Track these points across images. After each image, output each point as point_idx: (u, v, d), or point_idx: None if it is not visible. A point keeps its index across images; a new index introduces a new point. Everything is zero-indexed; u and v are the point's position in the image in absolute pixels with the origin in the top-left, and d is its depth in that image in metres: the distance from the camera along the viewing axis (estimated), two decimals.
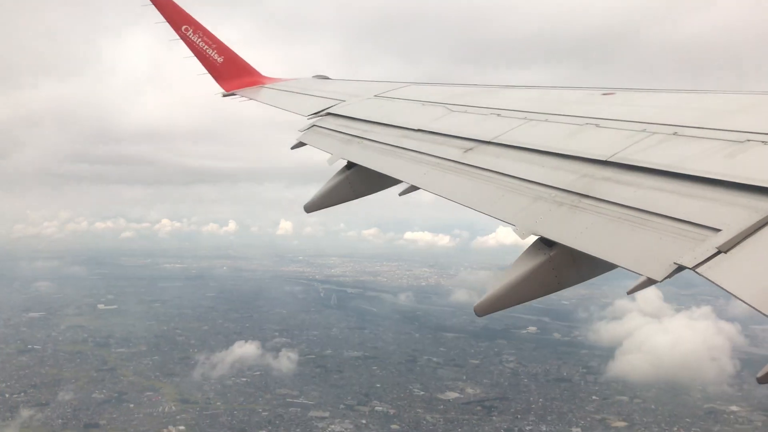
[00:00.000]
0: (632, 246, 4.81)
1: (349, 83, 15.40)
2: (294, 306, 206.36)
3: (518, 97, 10.08)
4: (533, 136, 7.56)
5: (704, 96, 7.48)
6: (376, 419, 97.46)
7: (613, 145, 6.30)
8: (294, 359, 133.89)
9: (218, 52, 17.78)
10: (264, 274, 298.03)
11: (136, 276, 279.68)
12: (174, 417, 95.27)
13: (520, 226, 5.76)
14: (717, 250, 4.18)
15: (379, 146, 9.56)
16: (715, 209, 4.63)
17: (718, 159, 5.27)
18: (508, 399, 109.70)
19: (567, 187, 5.94)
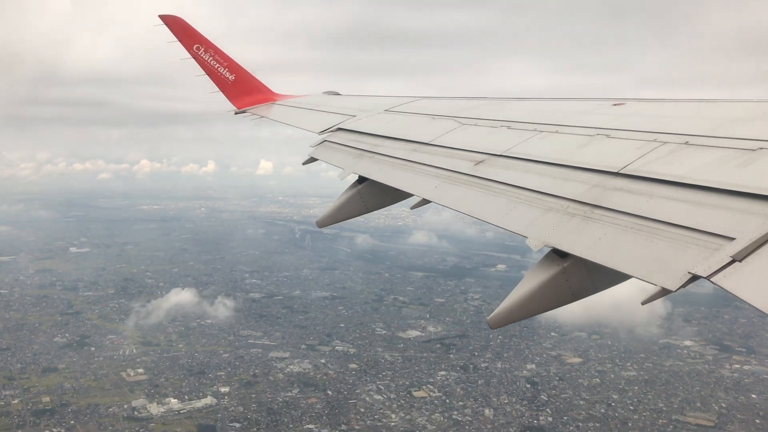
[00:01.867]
0: (646, 256, 4.83)
1: (360, 98, 15.80)
2: (267, 247, 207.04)
3: (528, 108, 10.28)
4: (544, 148, 7.60)
5: (715, 105, 7.50)
6: (335, 359, 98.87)
7: (625, 155, 6.34)
8: (260, 300, 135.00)
9: (229, 70, 18.11)
10: (241, 215, 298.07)
11: (111, 218, 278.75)
12: (134, 360, 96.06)
13: (532, 238, 5.77)
14: (731, 258, 4.20)
15: (390, 160, 9.67)
16: (728, 218, 4.64)
17: (731, 168, 5.27)
18: (467, 337, 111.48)
19: (579, 198, 5.96)
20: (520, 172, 7.20)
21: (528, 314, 5.83)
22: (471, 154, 8.24)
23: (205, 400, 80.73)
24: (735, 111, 6.97)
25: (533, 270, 5.82)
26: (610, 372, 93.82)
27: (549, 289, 5.68)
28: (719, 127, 6.29)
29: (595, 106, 9.04)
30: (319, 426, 74.68)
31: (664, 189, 5.43)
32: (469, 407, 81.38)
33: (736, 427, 77.01)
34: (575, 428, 75.98)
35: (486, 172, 7.54)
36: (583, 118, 8.22)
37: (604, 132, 7.31)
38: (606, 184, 5.99)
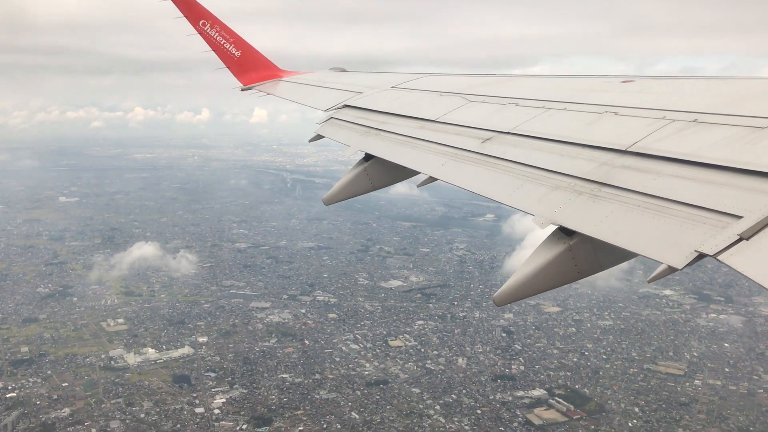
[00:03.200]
0: (653, 234, 4.84)
1: (366, 75, 15.66)
2: (258, 197, 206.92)
3: (536, 86, 10.21)
4: (552, 126, 7.59)
5: (725, 82, 7.45)
6: (315, 308, 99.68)
7: (633, 133, 6.34)
8: (246, 251, 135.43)
9: (236, 46, 18.09)
10: (234, 164, 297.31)
11: (103, 167, 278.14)
12: (115, 310, 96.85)
13: (539, 216, 5.80)
14: (739, 237, 4.22)
15: (397, 137, 9.65)
16: (736, 196, 4.66)
17: (740, 146, 5.29)
18: (448, 286, 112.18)
19: (586, 176, 5.98)
20: (528, 149, 7.19)
21: (534, 291, 5.85)
22: (478, 132, 8.23)
23: (182, 350, 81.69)
24: (745, 88, 6.93)
25: (540, 248, 5.83)
26: (587, 321, 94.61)
27: (555, 267, 5.68)
28: (729, 104, 6.28)
29: (603, 83, 9.05)
30: (293, 375, 75.69)
31: (673, 167, 5.45)
32: (443, 356, 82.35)
33: (704, 375, 78.01)
34: (546, 377, 76.97)
35: (493, 150, 7.54)
36: (592, 96, 8.23)
37: (613, 109, 7.30)
38: (614, 161, 5.99)
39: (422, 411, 68.34)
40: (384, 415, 67.23)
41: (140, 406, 67.60)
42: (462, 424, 65.79)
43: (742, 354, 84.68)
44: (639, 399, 71.82)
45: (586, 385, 74.88)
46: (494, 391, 73.01)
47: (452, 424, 65.72)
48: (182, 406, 67.95)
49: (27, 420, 63.77)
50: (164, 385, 72.78)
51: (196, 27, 17.69)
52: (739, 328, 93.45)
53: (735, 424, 66.90)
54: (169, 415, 65.73)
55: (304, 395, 70.96)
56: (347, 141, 10.62)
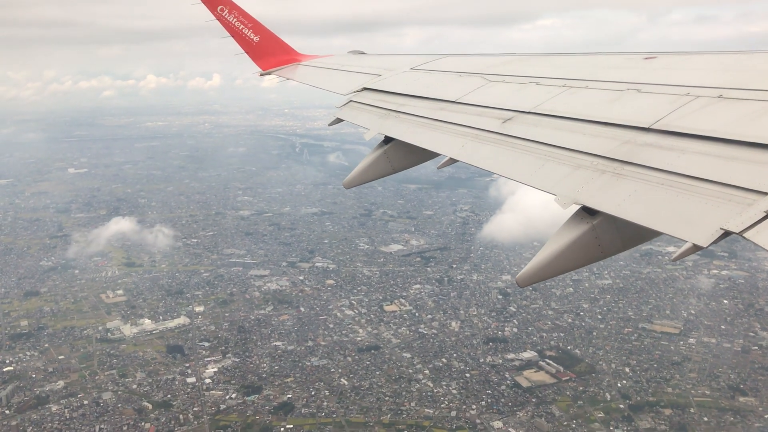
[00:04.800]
0: (677, 212, 4.81)
1: (385, 57, 15.71)
2: (265, 162, 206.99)
3: (556, 64, 10.17)
4: (573, 104, 7.54)
5: (750, 56, 7.35)
6: (313, 275, 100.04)
7: (656, 110, 6.29)
8: (249, 218, 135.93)
9: (254, 31, 18.17)
10: (244, 130, 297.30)
11: (114, 137, 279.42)
12: (115, 282, 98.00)
13: (561, 196, 5.80)
14: (765, 213, 4.17)
15: (417, 119, 9.65)
16: (762, 172, 4.59)
17: (765, 121, 5.22)
18: (449, 249, 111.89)
19: (609, 154, 5.94)
20: (549, 129, 7.14)
21: (557, 272, 5.80)
22: (499, 112, 8.21)
23: (178, 320, 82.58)
24: None
25: (562, 228, 5.80)
26: (585, 281, 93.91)
27: (578, 247, 5.64)
28: (754, 79, 6.20)
29: (625, 60, 8.93)
30: (286, 343, 76.28)
31: (697, 144, 5.39)
32: (437, 320, 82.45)
33: (700, 333, 77.36)
34: (539, 339, 76.82)
35: (514, 130, 7.51)
36: (613, 73, 8.21)
37: (635, 87, 7.24)
38: (636, 139, 5.95)
39: (411, 376, 68.66)
40: (373, 381, 67.66)
41: (133, 377, 68.66)
42: (449, 388, 66.03)
43: (740, 311, 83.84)
44: (631, 359, 71.53)
45: (578, 346, 74.66)
46: (485, 354, 73.07)
47: (440, 388, 65.98)
48: (174, 376, 68.92)
49: (21, 393, 65.10)
50: (158, 355, 73.78)
51: (214, 13, 17.75)
52: (740, 284, 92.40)
53: (725, 383, 66.43)
54: (161, 386, 66.72)
55: (295, 363, 71.59)
56: (367, 124, 10.61)
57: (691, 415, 61.06)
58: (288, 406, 62.95)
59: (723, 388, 65.61)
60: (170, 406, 63.06)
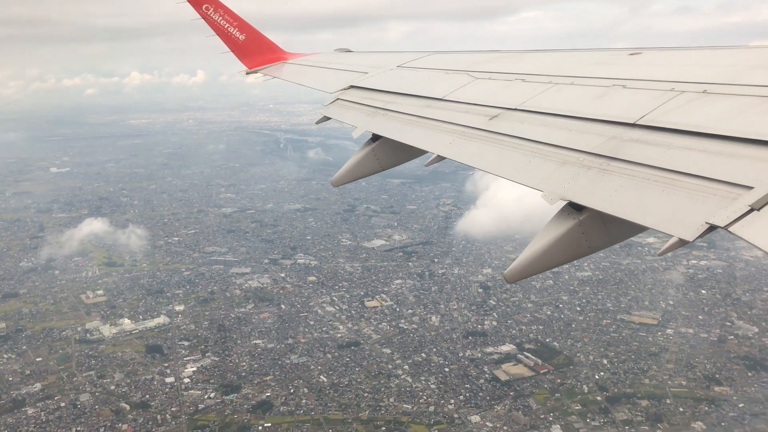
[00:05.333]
0: (663, 207, 4.87)
1: (372, 55, 15.72)
2: (249, 158, 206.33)
3: (543, 61, 10.22)
4: (559, 101, 7.60)
5: (734, 52, 7.44)
6: (295, 272, 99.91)
7: (641, 106, 6.35)
8: (231, 215, 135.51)
9: (239, 29, 18.16)
10: (228, 126, 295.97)
11: (97, 135, 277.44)
12: (96, 282, 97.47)
13: (548, 192, 5.83)
14: (750, 207, 4.23)
15: (404, 117, 9.71)
16: (747, 167, 4.67)
17: (750, 116, 5.30)
18: (431, 243, 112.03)
19: (595, 150, 6.00)
20: (535, 125, 7.20)
21: (545, 267, 5.89)
22: (485, 109, 8.25)
23: (158, 320, 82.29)
24: (754, 58, 6.90)
25: (549, 224, 5.85)
26: (565, 273, 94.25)
27: (565, 243, 5.71)
28: (738, 74, 6.28)
29: (610, 56, 9.00)
30: (266, 341, 76.20)
31: (682, 139, 5.46)
32: (417, 315, 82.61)
33: (677, 323, 77.96)
34: (518, 332, 77.15)
35: (501, 127, 7.56)
36: (599, 69, 8.27)
37: (621, 83, 7.30)
38: (622, 135, 6.01)
39: (390, 371, 68.83)
40: (352, 377, 67.75)
41: (111, 378, 68.40)
42: (428, 383, 66.25)
43: (717, 301, 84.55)
44: (609, 351, 71.98)
45: (557, 339, 75.04)
46: (464, 348, 73.29)
47: (419, 383, 66.19)
48: (153, 376, 68.71)
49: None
50: (137, 355, 73.51)
51: (199, 11, 17.67)
52: (718, 275, 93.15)
53: (701, 372, 67.00)
54: (139, 386, 66.51)
55: (275, 361, 71.53)
56: (354, 122, 10.62)
57: (667, 406, 61.55)
58: (266, 405, 62.92)
59: (699, 378, 66.18)
60: (148, 406, 62.89)
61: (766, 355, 69.95)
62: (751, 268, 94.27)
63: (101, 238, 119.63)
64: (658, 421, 59.25)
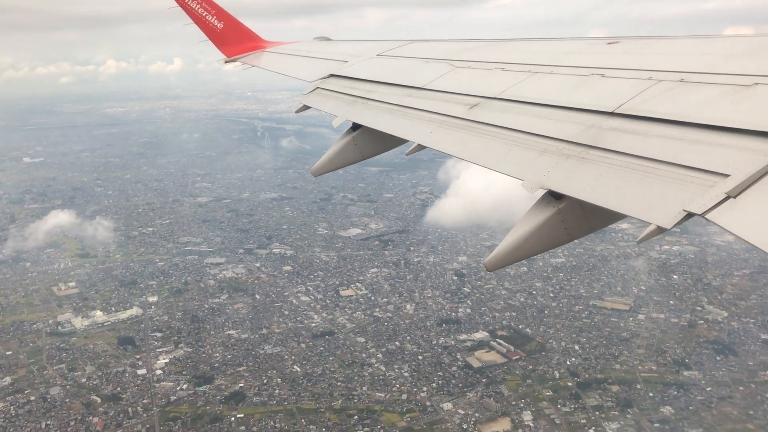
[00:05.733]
0: (641, 195, 4.91)
1: (351, 43, 15.67)
2: (225, 147, 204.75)
3: (522, 50, 10.27)
4: (538, 90, 7.64)
5: (711, 41, 7.49)
6: (270, 262, 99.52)
7: (620, 94, 6.38)
8: (207, 205, 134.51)
9: (218, 17, 18.01)
10: (205, 114, 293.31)
11: (71, 124, 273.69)
12: (68, 273, 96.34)
13: (527, 181, 5.85)
14: (726, 195, 4.29)
15: (384, 106, 9.70)
16: (723, 155, 4.72)
17: (726, 104, 5.34)
18: (407, 232, 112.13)
19: (574, 139, 6.03)
20: (515, 114, 7.25)
21: (525, 255, 5.91)
22: (465, 98, 8.26)
23: (131, 311, 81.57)
24: (730, 47, 6.95)
25: (529, 212, 5.89)
26: (539, 259, 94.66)
27: (545, 231, 5.77)
28: (714, 63, 6.33)
29: (589, 45, 9.08)
30: (239, 331, 75.87)
31: (660, 127, 5.51)
32: (392, 303, 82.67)
33: (649, 309, 78.82)
34: (491, 319, 77.53)
35: (480, 116, 7.59)
36: (578, 58, 8.28)
37: (599, 72, 7.35)
38: (601, 124, 6.05)
39: (364, 360, 68.91)
40: (326, 367, 67.73)
41: (83, 370, 67.75)
42: (402, 371, 66.44)
43: (689, 285, 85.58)
44: (581, 336, 72.62)
45: (530, 325, 75.53)
46: (438, 336, 73.54)
47: (392, 371, 66.35)
48: (125, 368, 68.16)
49: None
50: (109, 347, 72.87)
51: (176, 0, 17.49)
52: (689, 260, 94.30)
53: (671, 357, 67.87)
54: (111, 379, 65.95)
55: (248, 351, 71.28)
56: (334, 111, 10.56)
57: (637, 391, 62.28)
58: (239, 396, 62.73)
59: (669, 363, 67.03)
60: (119, 399, 62.43)
61: (734, 339, 71.01)
62: (723, 253, 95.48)
63: (74, 229, 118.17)
64: (628, 407, 59.93)
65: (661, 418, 58.24)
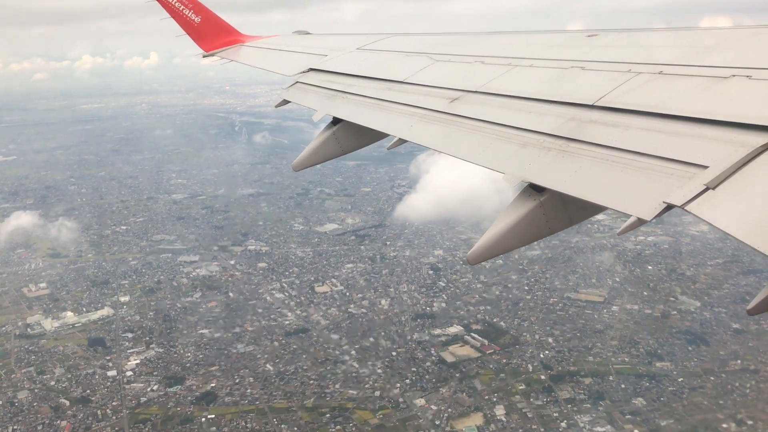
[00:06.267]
0: (621, 187, 4.95)
1: (331, 37, 15.68)
2: (202, 143, 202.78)
3: (502, 43, 10.17)
4: (519, 83, 7.64)
5: (689, 33, 7.52)
6: (245, 259, 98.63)
7: (599, 87, 6.39)
8: (182, 202, 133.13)
9: (195, 11, 17.78)
10: (182, 110, 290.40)
11: (46, 121, 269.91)
12: (39, 274, 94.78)
13: (509, 174, 5.87)
14: (705, 186, 4.32)
15: (365, 100, 9.67)
16: (701, 146, 4.77)
17: (704, 96, 5.40)
18: (384, 226, 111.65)
19: (554, 131, 6.05)
20: (496, 107, 7.23)
21: (507, 249, 5.94)
22: (446, 92, 8.24)
23: (102, 312, 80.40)
24: (708, 39, 6.98)
25: (511, 205, 5.89)
26: (515, 252, 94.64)
27: (527, 224, 5.78)
28: (692, 55, 6.37)
29: (568, 38, 9.08)
30: (212, 330, 75.09)
31: (639, 120, 5.55)
32: (367, 299, 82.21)
33: (623, 300, 79.06)
34: (466, 312, 77.37)
35: (461, 109, 7.57)
36: (557, 51, 8.29)
37: (579, 65, 7.33)
38: (581, 117, 6.07)
39: (338, 357, 68.45)
40: (299, 365, 67.19)
41: (51, 373, 66.65)
42: (375, 367, 66.08)
43: (663, 276, 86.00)
44: (555, 329, 72.65)
45: (504, 319, 75.47)
46: (412, 331, 73.25)
47: (365, 368, 65.96)
48: (94, 370, 67.13)
49: None
50: (79, 349, 71.74)
51: None
52: (664, 250, 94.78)
53: (644, 348, 68.11)
54: (80, 381, 64.94)
55: (221, 350, 70.56)
56: (314, 105, 10.51)
57: (610, 383, 62.40)
58: (210, 396, 62.03)
59: (641, 354, 67.26)
60: (88, 401, 61.50)
61: (706, 329, 71.45)
62: (697, 243, 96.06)
63: (46, 229, 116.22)
64: (600, 399, 60.03)
65: (633, 409, 58.40)
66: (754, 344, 67.79)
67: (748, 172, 4.30)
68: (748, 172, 4.30)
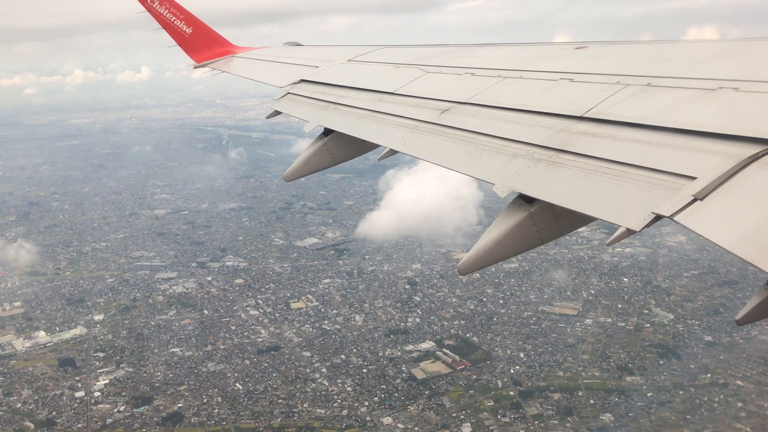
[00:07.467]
0: (610, 198, 4.97)
1: (322, 48, 15.69)
2: (189, 157, 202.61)
3: (492, 55, 10.29)
4: (508, 95, 7.70)
5: (677, 45, 7.68)
6: (222, 275, 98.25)
7: (589, 99, 6.47)
8: (164, 217, 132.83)
9: (186, 23, 17.74)
10: (171, 124, 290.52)
11: (34, 136, 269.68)
12: (14, 293, 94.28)
13: (499, 185, 5.90)
14: (693, 197, 4.35)
15: (356, 111, 9.69)
16: (690, 158, 4.79)
17: (692, 108, 5.44)
18: (364, 240, 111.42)
19: (544, 143, 6.10)
20: (486, 119, 7.28)
21: (497, 259, 5.98)
22: (436, 103, 8.32)
23: (75, 331, 79.91)
24: (696, 51, 7.06)
25: (501, 216, 5.94)
26: (493, 266, 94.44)
27: (517, 234, 5.83)
28: (680, 67, 6.47)
29: (557, 50, 9.19)
30: (184, 349, 74.65)
31: (628, 131, 5.60)
32: (342, 315, 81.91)
33: (597, 313, 78.92)
34: (439, 328, 77.12)
35: (452, 121, 7.64)
36: (546, 63, 8.37)
37: (568, 76, 7.41)
38: (570, 128, 6.11)
39: (308, 375, 68.05)
40: (268, 384, 66.78)
41: (19, 395, 66.12)
42: (345, 385, 65.70)
43: (638, 288, 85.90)
44: (527, 344, 72.41)
45: (477, 333, 75.21)
46: (385, 348, 72.97)
47: (335, 386, 65.59)
48: (63, 391, 66.65)
49: None
50: (49, 370, 71.22)
51: (144, 5, 17.19)
52: (641, 261, 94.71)
53: (615, 363, 67.91)
54: (47, 403, 64.44)
55: (191, 369, 70.12)
56: (306, 116, 10.54)
57: (579, 398, 62.13)
58: (177, 416, 61.60)
59: (612, 369, 67.06)
60: (54, 424, 61.01)
61: (678, 342, 71.34)
62: (674, 254, 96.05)
63: (25, 246, 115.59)
64: (568, 415, 59.75)
65: (600, 425, 58.15)
66: (724, 357, 67.62)
67: (735, 182, 4.36)
68: (736, 182, 4.35)
